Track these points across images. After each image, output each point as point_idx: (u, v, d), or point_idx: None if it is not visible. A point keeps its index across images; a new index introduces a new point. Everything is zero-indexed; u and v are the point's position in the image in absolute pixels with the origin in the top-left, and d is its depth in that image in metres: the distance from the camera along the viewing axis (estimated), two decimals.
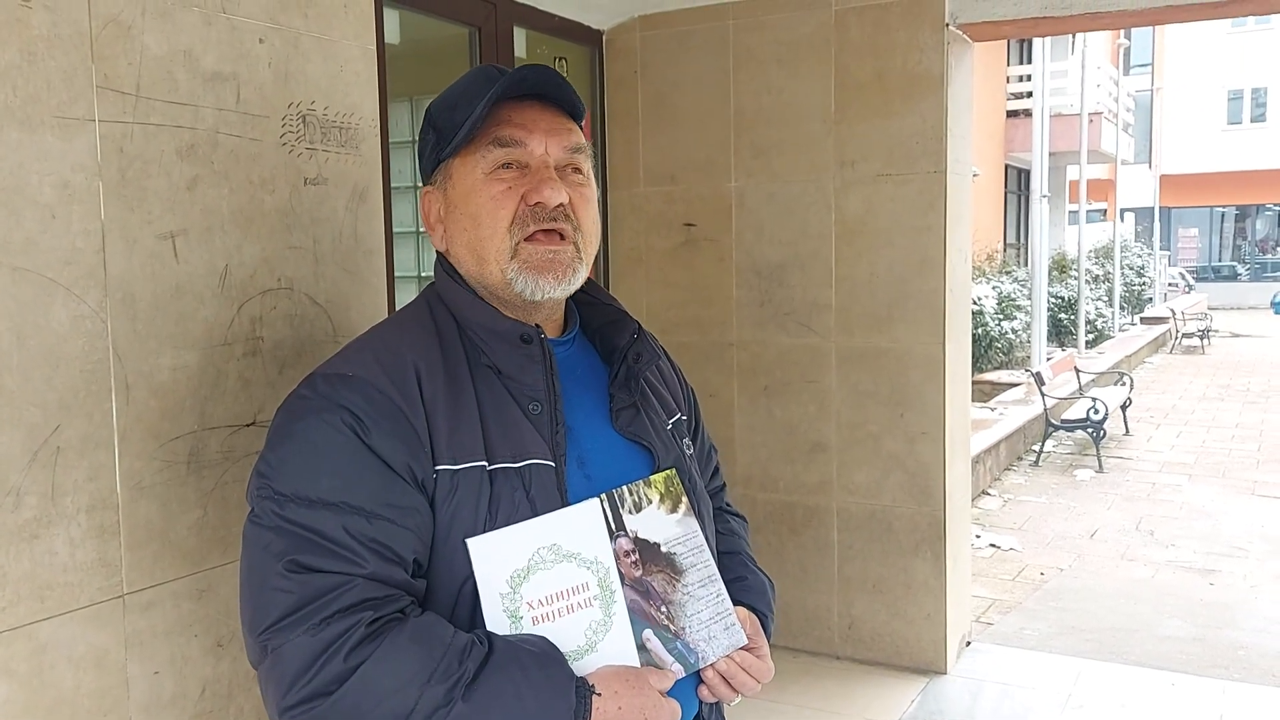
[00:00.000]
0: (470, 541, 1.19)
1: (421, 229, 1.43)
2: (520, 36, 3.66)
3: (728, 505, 1.62)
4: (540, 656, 1.16)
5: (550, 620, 1.20)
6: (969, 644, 4.10)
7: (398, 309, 1.47)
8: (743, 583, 1.46)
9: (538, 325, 1.32)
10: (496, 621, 1.18)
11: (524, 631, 1.19)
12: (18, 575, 1.36)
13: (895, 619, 3.82)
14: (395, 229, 3.06)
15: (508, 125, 1.29)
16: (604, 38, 4.03)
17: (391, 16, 3.17)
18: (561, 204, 1.28)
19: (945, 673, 3.78)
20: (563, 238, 1.29)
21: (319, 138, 1.75)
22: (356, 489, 1.16)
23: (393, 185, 3.02)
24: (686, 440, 1.46)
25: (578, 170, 1.33)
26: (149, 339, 1.51)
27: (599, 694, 1.16)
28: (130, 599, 1.50)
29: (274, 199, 1.68)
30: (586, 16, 3.88)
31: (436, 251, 1.39)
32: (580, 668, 1.19)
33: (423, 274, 3.62)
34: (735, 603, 1.36)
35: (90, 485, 1.44)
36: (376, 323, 1.43)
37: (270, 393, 1.68)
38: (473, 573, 1.19)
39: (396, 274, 3.18)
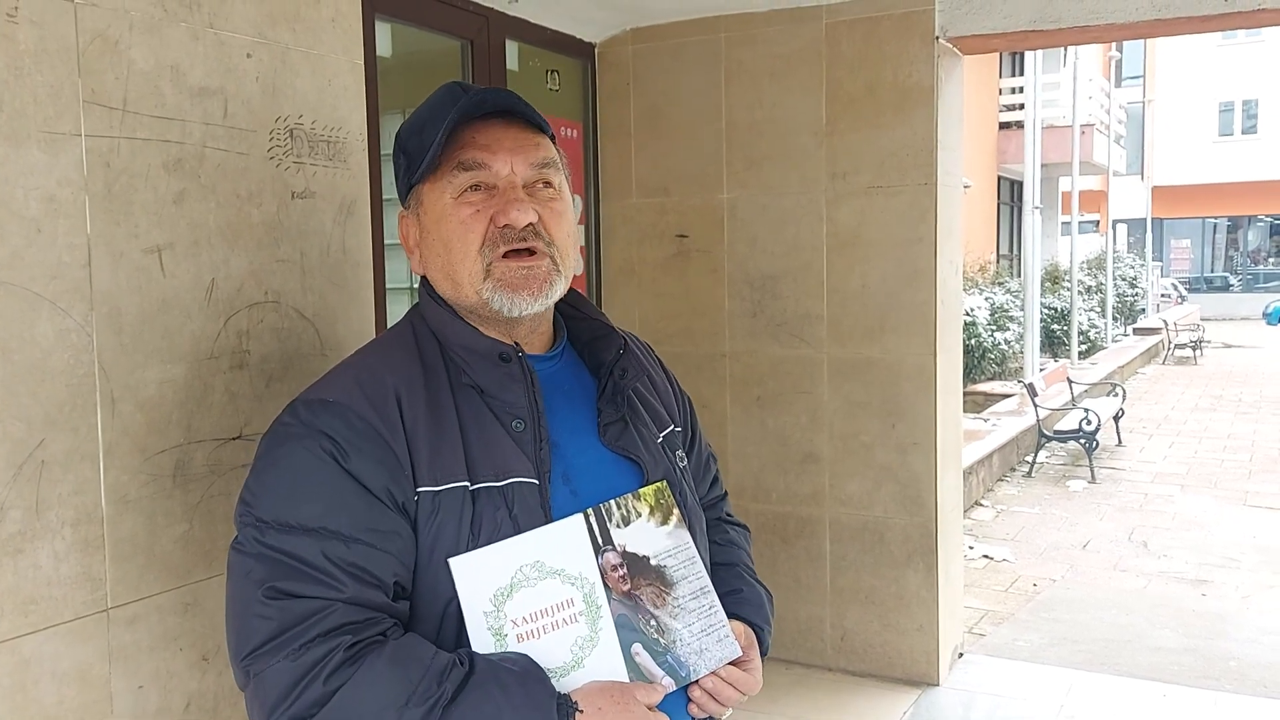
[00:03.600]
0: (452, 561, 1.19)
1: None
2: (512, 49, 3.67)
3: (728, 515, 1.61)
4: (521, 675, 1.15)
5: (535, 638, 1.20)
6: (961, 655, 4.09)
7: (390, 321, 1.48)
8: (738, 595, 1.46)
9: (516, 343, 1.32)
10: (481, 640, 1.18)
11: (509, 650, 1.18)
12: (1, 590, 1.36)
13: (887, 630, 3.81)
14: (387, 240, 3.06)
15: (471, 147, 1.29)
16: (596, 51, 4.04)
17: (383, 30, 3.17)
18: (530, 223, 1.28)
19: (938, 684, 3.77)
20: (534, 254, 1.29)
21: (307, 151, 1.75)
22: (335, 514, 1.16)
23: (385, 197, 3.02)
24: (680, 453, 1.46)
25: (548, 184, 1.33)
26: (135, 353, 1.51)
27: (581, 711, 1.15)
28: (115, 613, 1.49)
29: (261, 212, 1.68)
30: (579, 29, 3.90)
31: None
32: (567, 684, 1.18)
33: (415, 285, 3.61)
34: (730, 616, 1.36)
35: (75, 499, 1.44)
36: (362, 344, 1.44)
37: (257, 406, 1.68)
38: (456, 593, 1.19)
39: (388, 285, 3.17)
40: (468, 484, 1.22)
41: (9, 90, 1.35)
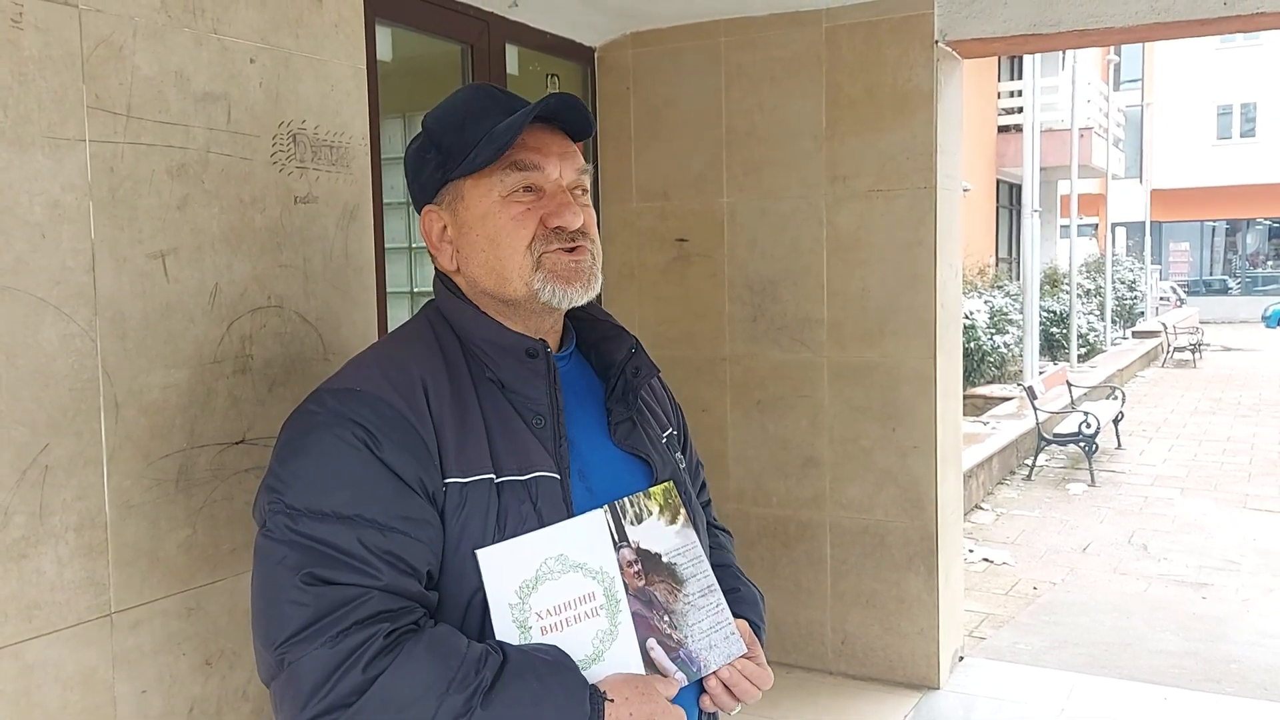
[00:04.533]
0: (480, 553, 1.20)
1: (415, 245, 1.44)
2: (512, 53, 3.68)
3: (714, 520, 1.64)
4: (554, 665, 1.17)
5: (559, 630, 1.22)
6: (962, 659, 4.10)
7: (391, 325, 1.48)
8: (736, 594, 1.48)
9: (543, 340, 1.33)
10: (506, 632, 1.20)
11: (533, 641, 1.20)
12: (5, 594, 1.36)
13: (888, 634, 3.82)
14: (388, 244, 3.07)
15: (524, 150, 1.31)
16: (596, 55, 4.05)
17: (384, 34, 3.18)
18: (579, 226, 1.31)
19: (938, 688, 3.77)
20: (579, 250, 1.32)
21: (309, 156, 1.75)
22: (370, 502, 1.17)
23: (385, 201, 3.03)
24: (679, 454, 1.49)
25: (584, 191, 1.37)
26: (139, 357, 1.51)
27: (611, 700, 1.18)
28: (118, 618, 1.49)
29: (264, 217, 1.68)
30: (579, 34, 3.90)
31: (436, 270, 1.40)
32: (588, 676, 1.20)
33: (415, 290, 3.62)
34: (732, 614, 1.38)
35: (79, 504, 1.44)
36: (376, 340, 1.44)
37: (260, 411, 1.68)
38: (482, 584, 1.20)
39: (389, 289, 3.18)
40: (493, 477, 1.23)
41: (14, 96, 1.36)
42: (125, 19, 1.48)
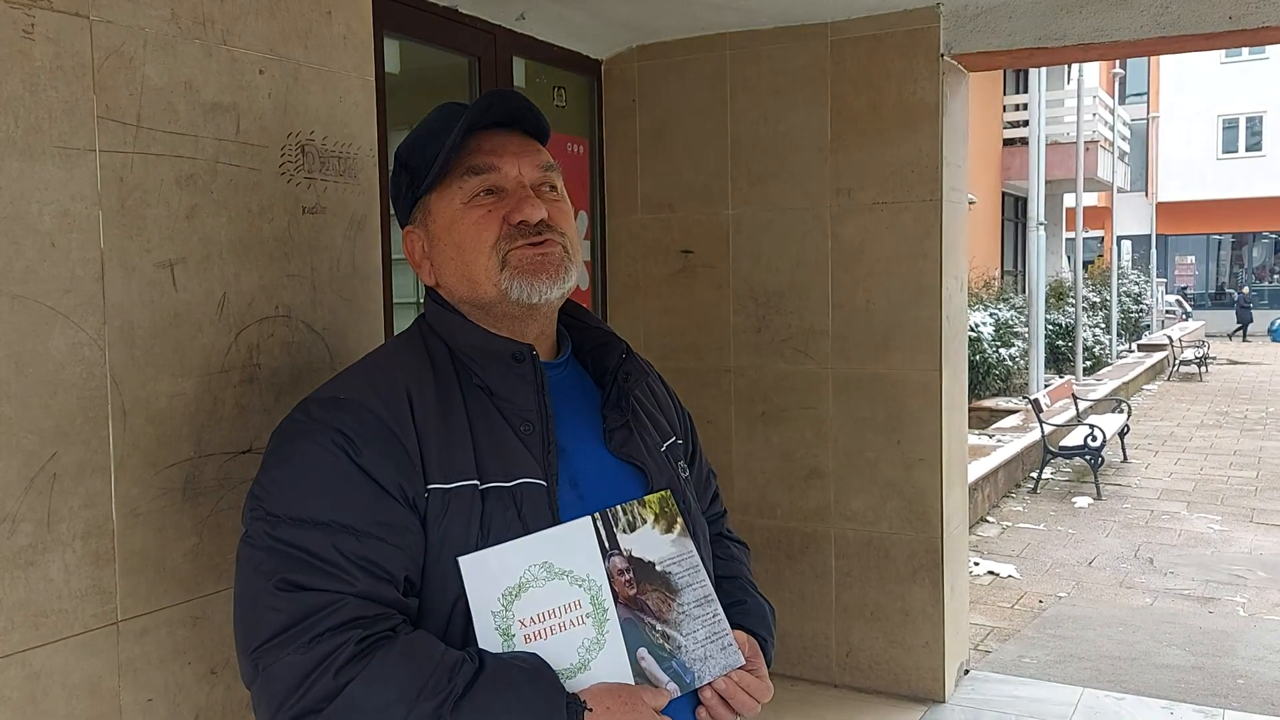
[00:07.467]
0: (462, 559, 1.19)
1: None
2: (519, 66, 3.70)
3: (728, 531, 1.63)
4: (531, 673, 1.16)
5: (542, 638, 1.20)
6: (967, 672, 4.08)
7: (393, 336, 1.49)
8: (741, 606, 1.47)
9: (531, 345, 1.33)
10: (489, 639, 1.19)
11: (516, 649, 1.19)
12: (12, 602, 1.36)
13: (893, 647, 3.80)
14: (395, 255, 3.08)
15: (479, 154, 1.33)
16: (602, 67, 4.06)
17: (392, 46, 3.20)
18: (542, 219, 1.31)
19: (943, 701, 3.76)
20: (547, 242, 1.32)
21: (317, 167, 1.76)
22: (347, 508, 1.17)
23: (393, 212, 3.04)
24: (682, 464, 1.47)
25: (552, 187, 1.37)
26: (147, 366, 1.52)
27: (590, 710, 1.16)
28: (124, 626, 1.50)
29: (272, 227, 1.69)
30: (585, 47, 3.92)
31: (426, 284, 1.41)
32: (573, 686, 1.19)
33: (421, 300, 3.63)
34: (734, 626, 1.37)
35: (86, 512, 1.44)
36: (371, 350, 1.45)
37: (267, 420, 1.68)
38: (464, 591, 1.19)
39: (395, 300, 3.19)
40: (477, 483, 1.23)
41: (25, 106, 1.37)
42: (136, 30, 1.49)
